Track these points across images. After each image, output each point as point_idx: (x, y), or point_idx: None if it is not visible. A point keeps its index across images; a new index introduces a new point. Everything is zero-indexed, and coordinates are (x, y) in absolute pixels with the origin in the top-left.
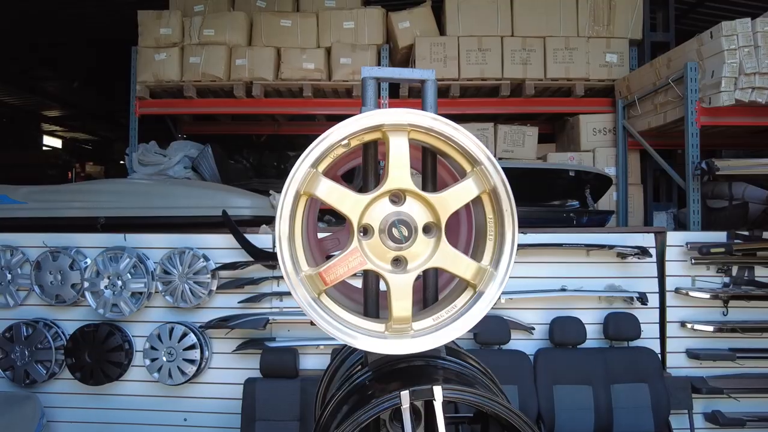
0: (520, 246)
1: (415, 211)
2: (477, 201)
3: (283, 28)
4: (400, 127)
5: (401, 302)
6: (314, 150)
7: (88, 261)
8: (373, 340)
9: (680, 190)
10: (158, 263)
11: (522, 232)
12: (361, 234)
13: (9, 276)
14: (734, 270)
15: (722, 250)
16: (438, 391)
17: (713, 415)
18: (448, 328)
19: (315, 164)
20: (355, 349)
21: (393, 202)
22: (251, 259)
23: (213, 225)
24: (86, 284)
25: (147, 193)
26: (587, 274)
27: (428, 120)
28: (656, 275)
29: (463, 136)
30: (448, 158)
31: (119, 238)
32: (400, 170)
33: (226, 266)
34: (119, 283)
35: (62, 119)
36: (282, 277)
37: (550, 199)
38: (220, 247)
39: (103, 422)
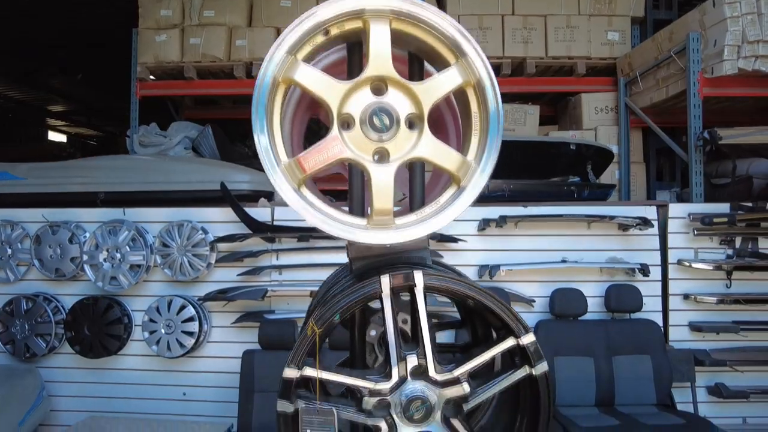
0: (521, 218)
1: (397, 101)
2: (463, 96)
3: (283, 9)
4: (382, 13)
5: (383, 194)
6: (290, 34)
7: (88, 235)
8: (354, 230)
9: (683, 169)
10: (157, 236)
11: (522, 206)
12: (342, 127)
13: (9, 251)
14: (737, 242)
15: (725, 220)
16: (419, 277)
17: (716, 388)
18: (431, 221)
19: (292, 51)
20: (348, 271)
21: (375, 93)
22: (250, 231)
23: (212, 199)
24: (85, 257)
25: (146, 168)
26: (588, 247)
27: (411, 6)
28: (658, 248)
29: (449, 24)
30: (433, 58)
31: (118, 213)
32: (381, 59)
33: (224, 238)
34: (118, 255)
35: (67, 114)
36: (281, 251)
37: (552, 175)
38: (219, 220)
39: (102, 396)
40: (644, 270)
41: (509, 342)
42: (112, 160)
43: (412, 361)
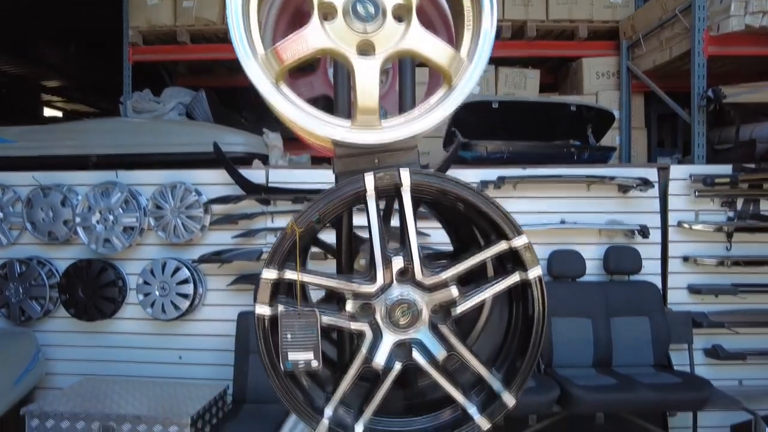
0: (519, 179)
1: None
2: None
3: None
4: None
5: (367, 90)
6: None
7: (80, 198)
8: (337, 128)
9: (685, 135)
10: (150, 198)
11: (521, 167)
12: (325, 19)
13: (1, 214)
14: (739, 204)
15: (727, 181)
16: (405, 176)
17: (713, 350)
18: (419, 121)
19: None
20: None
21: None
22: (244, 193)
23: (206, 162)
24: (78, 219)
25: (139, 131)
26: (587, 209)
27: None
28: (658, 210)
29: None
30: None
31: (111, 176)
32: None
33: (218, 200)
34: (111, 217)
35: (62, 90)
36: (276, 213)
37: (552, 138)
38: (213, 182)
39: (98, 360)
40: (644, 232)
41: (501, 245)
42: (104, 123)
43: (398, 263)
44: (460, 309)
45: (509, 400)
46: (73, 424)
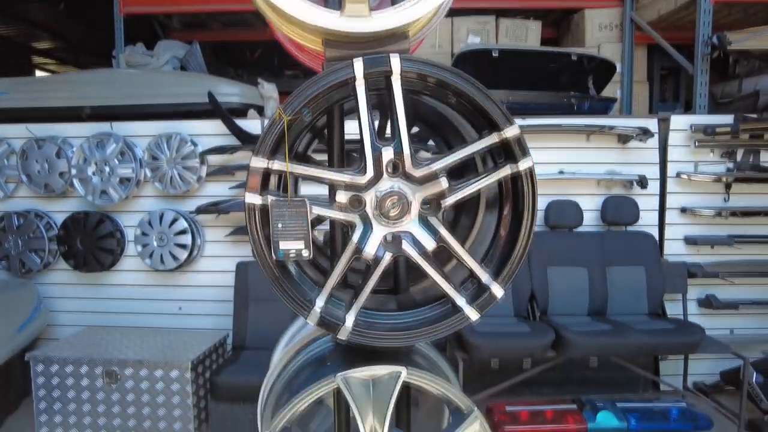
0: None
1: None
2: None
3: None
4: None
5: None
6: None
7: (75, 150)
8: (326, 15)
9: (688, 91)
10: (146, 149)
11: (521, 117)
12: None
13: None
14: (739, 155)
15: (728, 130)
16: (395, 62)
17: (707, 300)
18: (411, 8)
19: None
20: None
21: None
22: (240, 143)
23: (201, 113)
24: (74, 171)
25: (133, 82)
26: (586, 160)
27: None
28: (657, 161)
29: None
30: None
31: (105, 127)
32: None
33: (214, 150)
34: (107, 169)
35: (53, 52)
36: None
37: (552, 89)
38: (209, 133)
39: (99, 311)
40: (642, 182)
41: (492, 137)
42: (97, 74)
43: (388, 155)
44: (449, 200)
45: (498, 291)
46: (76, 369)
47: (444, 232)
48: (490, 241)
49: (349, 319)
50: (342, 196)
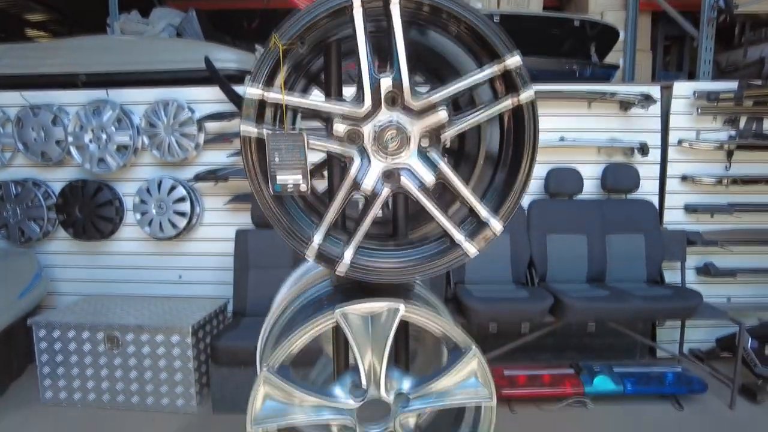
0: None
1: None
2: None
3: None
4: None
5: None
6: None
7: (71, 117)
8: None
9: (692, 60)
10: (143, 117)
11: None
12: None
13: None
14: (742, 122)
15: (731, 96)
16: None
17: (705, 268)
18: None
19: None
20: None
21: None
22: (238, 110)
23: (198, 80)
24: (70, 139)
25: (129, 48)
26: (588, 127)
27: None
28: (659, 129)
29: None
30: None
31: (101, 94)
32: None
33: (212, 117)
34: (104, 136)
35: (47, 24)
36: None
37: (554, 55)
38: (206, 100)
39: (100, 280)
40: (643, 149)
41: (493, 68)
42: (92, 40)
43: (387, 85)
44: (449, 132)
45: (496, 226)
46: (78, 334)
47: (443, 166)
48: (489, 180)
49: (348, 254)
50: (339, 127)
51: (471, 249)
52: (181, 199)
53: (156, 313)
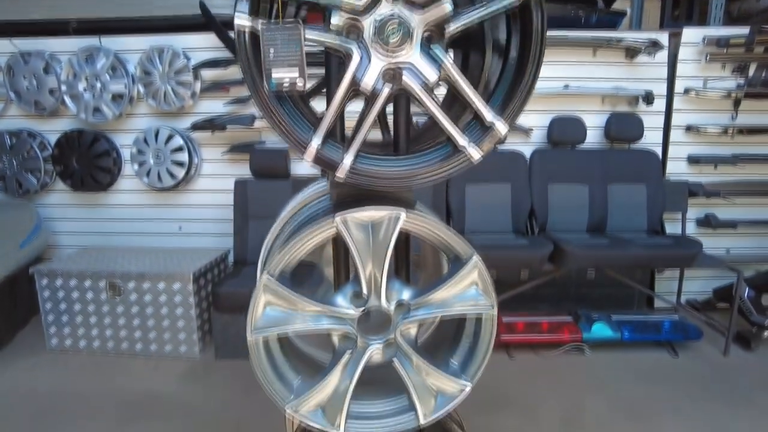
0: None
1: None
2: None
3: None
4: None
5: None
6: None
7: (63, 65)
8: None
9: (702, 11)
10: (137, 64)
11: None
12: None
13: None
14: (751, 70)
15: (742, 42)
16: None
17: (706, 219)
18: None
19: None
20: None
21: None
22: (234, 57)
23: (193, 27)
24: (64, 88)
25: None
26: (592, 75)
27: None
28: (665, 77)
29: None
30: None
31: (94, 41)
32: None
33: (208, 63)
34: (98, 85)
35: None
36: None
37: (558, 1)
38: (201, 47)
39: (100, 232)
40: (648, 97)
41: None
42: None
43: None
44: (454, 26)
45: (502, 128)
46: (80, 282)
47: (447, 63)
48: (495, 83)
49: (348, 159)
50: (338, 19)
51: (475, 154)
52: (179, 149)
53: (157, 262)
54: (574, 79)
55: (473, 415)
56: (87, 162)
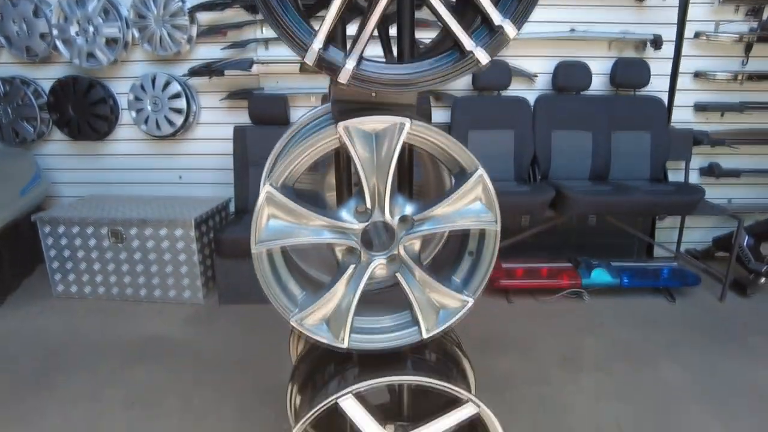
0: None
1: None
2: None
3: None
4: None
5: None
6: None
7: (53, 8)
8: None
9: None
10: (131, 7)
11: None
12: None
13: None
14: (765, 13)
15: None
16: None
17: (710, 168)
18: None
19: None
20: None
21: None
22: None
23: None
24: (55, 32)
25: None
26: (599, 19)
27: None
28: (675, 21)
29: None
30: None
31: None
32: None
33: (204, 6)
34: (90, 29)
35: None
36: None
37: None
38: None
39: (100, 182)
40: (657, 42)
41: None
42: None
43: None
44: None
45: (511, 30)
46: (83, 229)
47: None
48: None
49: (350, 62)
50: None
51: (483, 57)
52: (177, 96)
53: (158, 210)
54: (580, 23)
55: (471, 356)
56: (83, 110)
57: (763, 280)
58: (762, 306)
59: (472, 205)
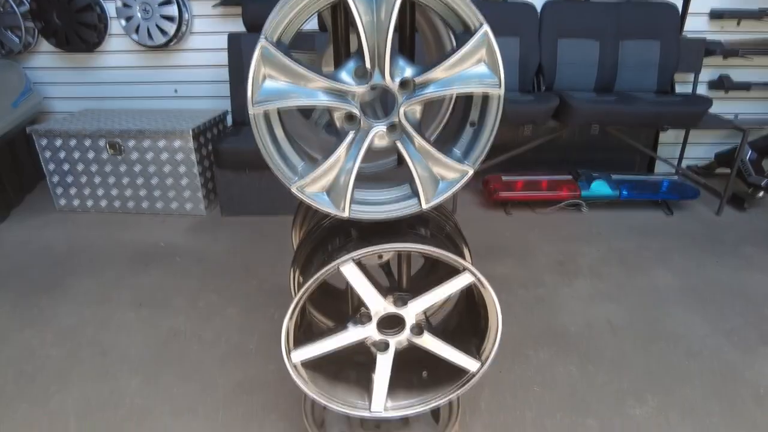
0: None
1: None
2: None
3: None
4: None
5: None
6: None
7: None
8: None
9: None
10: None
11: None
12: None
13: None
14: None
15: None
16: None
17: (719, 81)
18: None
19: None
20: None
21: None
22: None
23: None
24: None
25: None
26: None
27: None
28: None
29: None
30: None
31: None
32: None
33: None
34: None
35: None
36: None
37: None
38: None
39: (93, 97)
40: None
41: None
42: None
43: None
44: None
45: None
46: (80, 142)
47: None
48: None
49: None
50: None
51: None
52: (167, 2)
53: (155, 122)
54: None
55: None
56: (69, 18)
57: (761, 193)
58: (758, 219)
59: (475, 68)
